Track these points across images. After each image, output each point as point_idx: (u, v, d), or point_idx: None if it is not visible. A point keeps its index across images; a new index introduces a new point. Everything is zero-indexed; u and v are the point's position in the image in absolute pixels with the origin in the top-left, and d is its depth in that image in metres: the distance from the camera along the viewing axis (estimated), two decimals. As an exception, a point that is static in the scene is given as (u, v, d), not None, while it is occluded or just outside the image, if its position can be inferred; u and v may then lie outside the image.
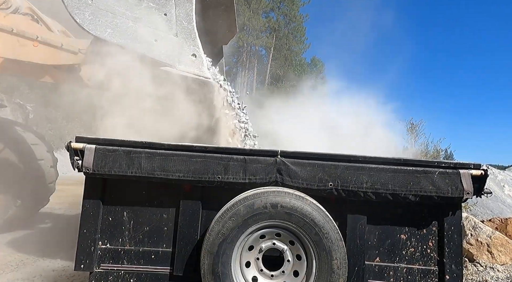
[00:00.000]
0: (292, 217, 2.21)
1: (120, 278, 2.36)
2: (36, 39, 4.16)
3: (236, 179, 2.30)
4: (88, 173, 2.27)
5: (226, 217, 2.22)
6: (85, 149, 2.27)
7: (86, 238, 2.36)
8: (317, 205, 2.26)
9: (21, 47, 4.11)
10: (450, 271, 2.35)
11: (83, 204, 2.39)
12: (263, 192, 2.26)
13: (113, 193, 2.43)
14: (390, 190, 2.28)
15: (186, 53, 3.66)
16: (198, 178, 2.28)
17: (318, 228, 2.19)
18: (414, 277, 2.39)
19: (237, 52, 32.98)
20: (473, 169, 2.33)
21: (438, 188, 2.27)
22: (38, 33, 4.22)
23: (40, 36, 4.18)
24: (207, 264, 2.19)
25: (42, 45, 4.20)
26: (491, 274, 3.79)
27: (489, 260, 3.98)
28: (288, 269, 2.30)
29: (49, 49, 4.24)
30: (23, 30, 4.12)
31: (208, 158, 2.30)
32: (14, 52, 4.13)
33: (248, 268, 2.31)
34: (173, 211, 2.44)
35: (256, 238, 2.31)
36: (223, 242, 2.20)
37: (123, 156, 2.27)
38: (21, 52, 4.14)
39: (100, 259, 2.38)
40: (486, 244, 4.04)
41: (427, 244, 2.42)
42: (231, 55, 30.35)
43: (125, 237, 2.41)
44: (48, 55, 4.25)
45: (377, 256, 2.42)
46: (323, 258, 2.20)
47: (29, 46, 4.15)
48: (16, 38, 4.10)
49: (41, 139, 5.53)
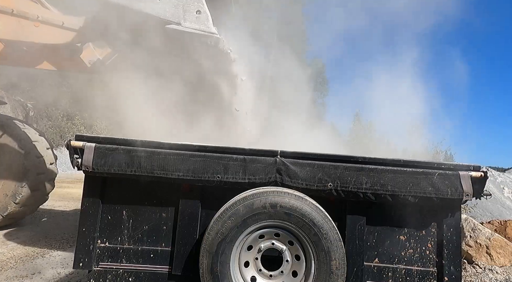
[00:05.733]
0: (291, 217, 2.21)
1: (118, 277, 2.36)
2: (37, 19, 4.09)
3: (235, 178, 2.29)
4: (87, 171, 2.27)
5: (225, 216, 2.22)
6: (84, 147, 2.27)
7: (85, 237, 2.36)
8: (317, 205, 2.26)
9: (22, 28, 4.04)
10: (449, 272, 2.35)
11: (83, 202, 2.39)
12: (263, 192, 2.25)
13: (112, 191, 2.43)
14: (389, 191, 2.28)
15: (191, 10, 3.64)
16: (198, 177, 2.28)
17: (317, 229, 2.19)
18: (413, 279, 2.39)
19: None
20: (473, 170, 2.32)
21: (438, 189, 2.27)
22: (39, 13, 4.14)
23: (40, 16, 4.11)
24: (206, 264, 2.19)
25: (43, 25, 4.13)
26: (490, 276, 3.79)
27: (488, 262, 3.98)
28: (286, 269, 2.30)
29: (51, 29, 4.16)
30: (23, 11, 4.04)
31: (208, 157, 2.30)
32: (16, 33, 4.06)
33: (247, 268, 2.31)
34: (172, 210, 2.43)
35: (255, 238, 2.31)
36: (222, 242, 2.20)
37: (123, 155, 2.27)
38: (22, 33, 4.06)
39: (99, 257, 2.38)
40: (485, 246, 4.04)
41: (426, 246, 2.42)
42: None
43: (124, 236, 2.41)
44: (50, 34, 4.18)
45: (376, 257, 2.42)
46: (322, 259, 2.20)
47: (30, 27, 4.08)
48: (17, 19, 4.04)
49: (41, 137, 5.53)
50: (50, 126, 18.20)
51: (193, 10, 3.63)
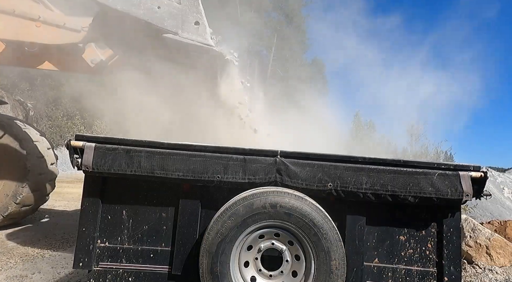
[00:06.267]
0: (291, 217, 2.21)
1: (118, 277, 2.36)
2: (39, 19, 4.10)
3: (235, 178, 2.29)
4: (87, 171, 2.27)
5: (225, 216, 2.22)
6: (84, 147, 2.27)
7: (85, 236, 2.36)
8: (317, 205, 2.26)
9: (23, 28, 4.06)
10: (449, 273, 2.35)
11: (82, 202, 2.39)
12: (263, 192, 2.25)
13: (112, 191, 2.43)
14: (389, 191, 2.28)
15: (189, 21, 3.65)
16: (198, 177, 2.28)
17: (317, 229, 2.19)
18: (412, 279, 2.39)
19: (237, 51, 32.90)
20: (473, 171, 2.32)
21: (438, 189, 2.27)
22: (40, 13, 4.15)
23: (42, 16, 4.12)
24: (205, 264, 2.19)
25: (44, 25, 4.14)
26: (490, 276, 3.79)
27: (488, 262, 3.98)
28: (286, 269, 2.30)
29: (52, 29, 4.18)
30: (24, 11, 4.06)
31: (208, 157, 2.30)
32: (17, 33, 4.07)
33: (247, 268, 2.31)
34: (172, 210, 2.43)
35: (255, 238, 2.31)
36: (222, 242, 2.20)
37: (123, 155, 2.27)
38: (24, 33, 4.08)
39: (99, 257, 2.38)
40: (485, 246, 4.04)
41: (426, 246, 2.42)
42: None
43: (124, 236, 2.41)
44: (51, 35, 4.19)
45: (376, 257, 2.42)
46: (322, 259, 2.20)
47: (31, 27, 4.09)
48: (18, 20, 4.05)
49: (42, 137, 5.54)
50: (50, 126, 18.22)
51: (191, 21, 3.64)
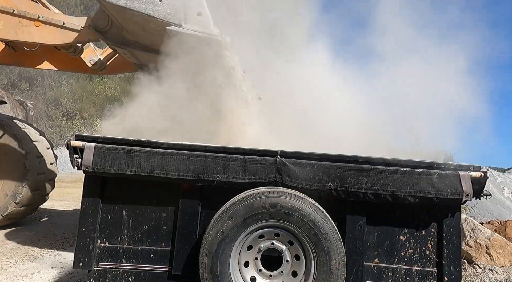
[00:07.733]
0: (291, 217, 2.21)
1: (118, 277, 2.36)
2: (38, 19, 4.09)
3: (235, 178, 2.29)
4: (87, 171, 2.27)
5: (225, 216, 2.22)
6: (84, 147, 2.27)
7: (85, 236, 2.36)
8: (317, 205, 2.26)
9: (23, 28, 4.05)
10: (449, 272, 2.35)
11: (82, 202, 2.39)
12: (263, 192, 2.25)
13: (112, 191, 2.43)
14: (389, 191, 2.27)
15: (192, 12, 3.64)
16: (198, 177, 2.28)
17: (317, 229, 2.19)
18: (412, 279, 2.39)
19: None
20: (473, 170, 2.32)
21: (438, 189, 2.27)
22: (39, 12, 4.15)
23: (41, 16, 4.11)
24: (205, 264, 2.19)
25: (44, 25, 4.13)
26: (490, 276, 3.79)
27: (488, 262, 3.98)
28: (286, 269, 2.30)
29: (52, 29, 4.16)
30: (24, 11, 4.05)
31: (208, 157, 2.30)
32: (17, 33, 4.06)
33: (247, 268, 2.31)
34: (172, 210, 2.43)
35: (255, 237, 2.31)
36: (222, 242, 2.20)
37: (123, 155, 2.27)
38: (23, 33, 4.07)
39: (99, 257, 2.38)
40: (485, 246, 4.04)
41: (426, 246, 2.42)
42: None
43: (124, 236, 2.41)
44: (51, 34, 4.18)
45: (375, 257, 2.42)
46: (322, 259, 2.20)
47: (31, 27, 4.09)
48: (18, 19, 4.05)
49: (42, 137, 5.54)
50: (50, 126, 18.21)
51: (194, 12, 3.62)
